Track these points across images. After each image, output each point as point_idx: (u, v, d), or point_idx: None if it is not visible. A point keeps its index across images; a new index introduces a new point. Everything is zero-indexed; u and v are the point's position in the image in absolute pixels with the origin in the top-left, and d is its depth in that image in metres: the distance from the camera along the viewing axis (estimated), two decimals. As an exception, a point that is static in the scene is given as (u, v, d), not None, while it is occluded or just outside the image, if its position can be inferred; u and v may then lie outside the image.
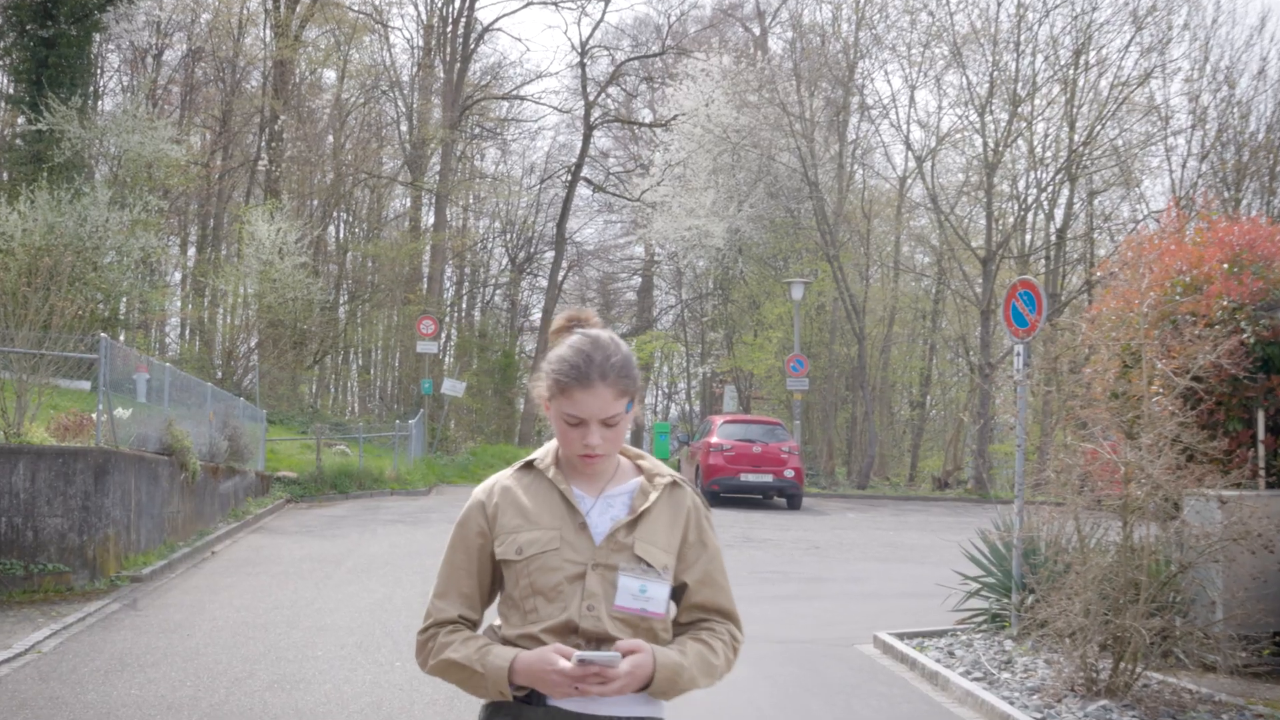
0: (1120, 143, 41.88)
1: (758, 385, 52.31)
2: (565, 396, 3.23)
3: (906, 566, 20.40)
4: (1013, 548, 13.30)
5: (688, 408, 69.96)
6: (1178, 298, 12.56)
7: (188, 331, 52.55)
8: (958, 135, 44.83)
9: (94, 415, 17.55)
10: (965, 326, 50.37)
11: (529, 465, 3.43)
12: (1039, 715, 9.68)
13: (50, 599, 14.58)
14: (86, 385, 24.11)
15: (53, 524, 15.09)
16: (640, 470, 3.47)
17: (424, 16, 59.85)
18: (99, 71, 48.21)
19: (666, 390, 76.65)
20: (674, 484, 3.44)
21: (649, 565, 3.24)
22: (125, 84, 52.67)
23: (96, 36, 39.08)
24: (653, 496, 3.34)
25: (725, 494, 32.26)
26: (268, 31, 54.24)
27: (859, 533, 26.12)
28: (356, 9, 56.14)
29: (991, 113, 41.67)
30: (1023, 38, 41.27)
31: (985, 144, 41.78)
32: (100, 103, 45.20)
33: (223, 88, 54.63)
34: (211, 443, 24.17)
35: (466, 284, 70.23)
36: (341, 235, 61.93)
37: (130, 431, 18.12)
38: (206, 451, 23.43)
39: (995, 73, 41.36)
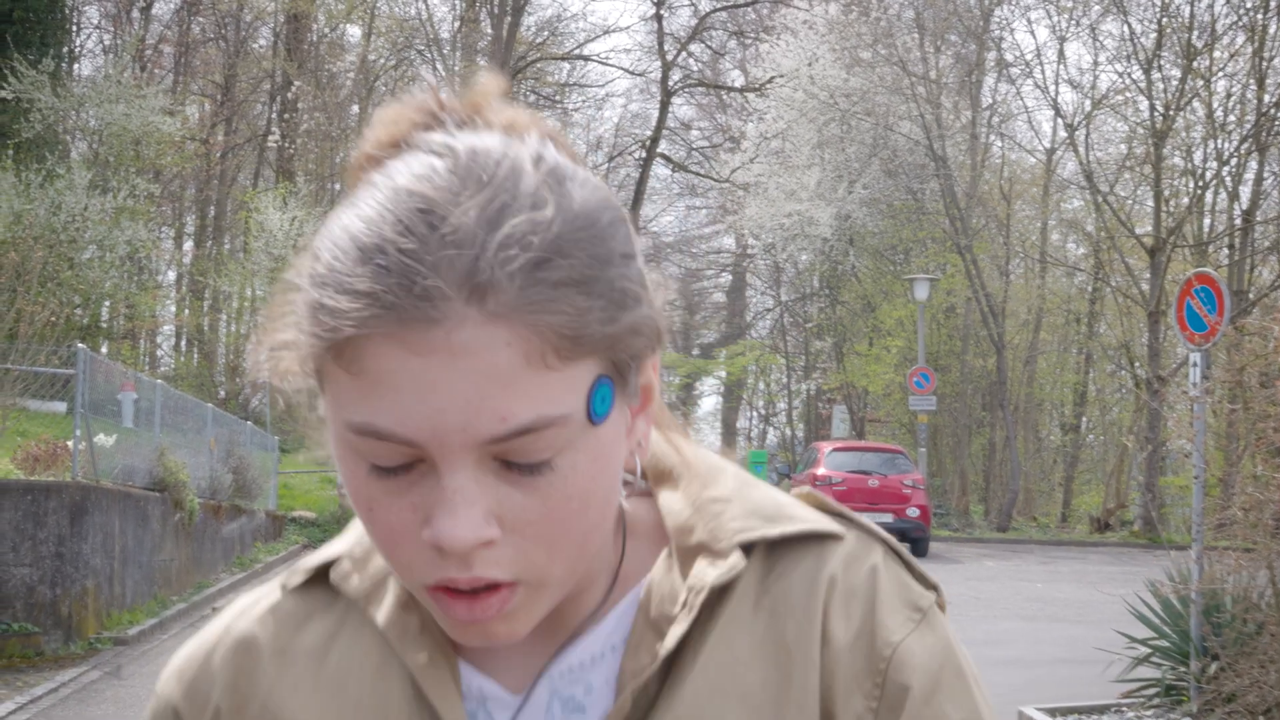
0: (1322, 104, 41.45)
1: (874, 405, 52.09)
2: (351, 374, 1.28)
3: (1059, 626, 20.22)
4: (1191, 603, 13.09)
5: (788, 433, 69.76)
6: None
7: (184, 342, 53.03)
8: (1118, 97, 44.50)
9: (69, 443, 17.65)
10: (1129, 331, 49.91)
11: (322, 588, 1.60)
12: (1225, 811, 9.51)
13: (15, 665, 14.66)
14: (61, 407, 24.28)
15: (19, 575, 15.18)
16: (682, 551, 1.49)
17: (467, -41, 60.16)
18: (75, 28, 48.72)
19: (763, 412, 76.65)
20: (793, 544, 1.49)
21: None
22: (107, 44, 53.28)
23: (73, -14, 39.51)
24: (681, 627, 1.43)
25: (834, 538, 32.15)
26: (279, -21, 54.69)
27: (1000, 585, 25.94)
28: (386, -49, 56.52)
29: (1160, 69, 41.30)
30: (1199, -24, 40.97)
31: (1152, 107, 41.40)
32: (77, 66, 45.80)
33: (225, 48, 55.16)
34: (213, 476, 24.29)
35: (520, 282, 70.47)
36: (368, 225, 62.22)
37: (114, 463, 18.22)
38: (206, 487, 23.54)
39: (1164, 19, 40.99)
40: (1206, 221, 45.27)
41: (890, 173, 48.06)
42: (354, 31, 60.02)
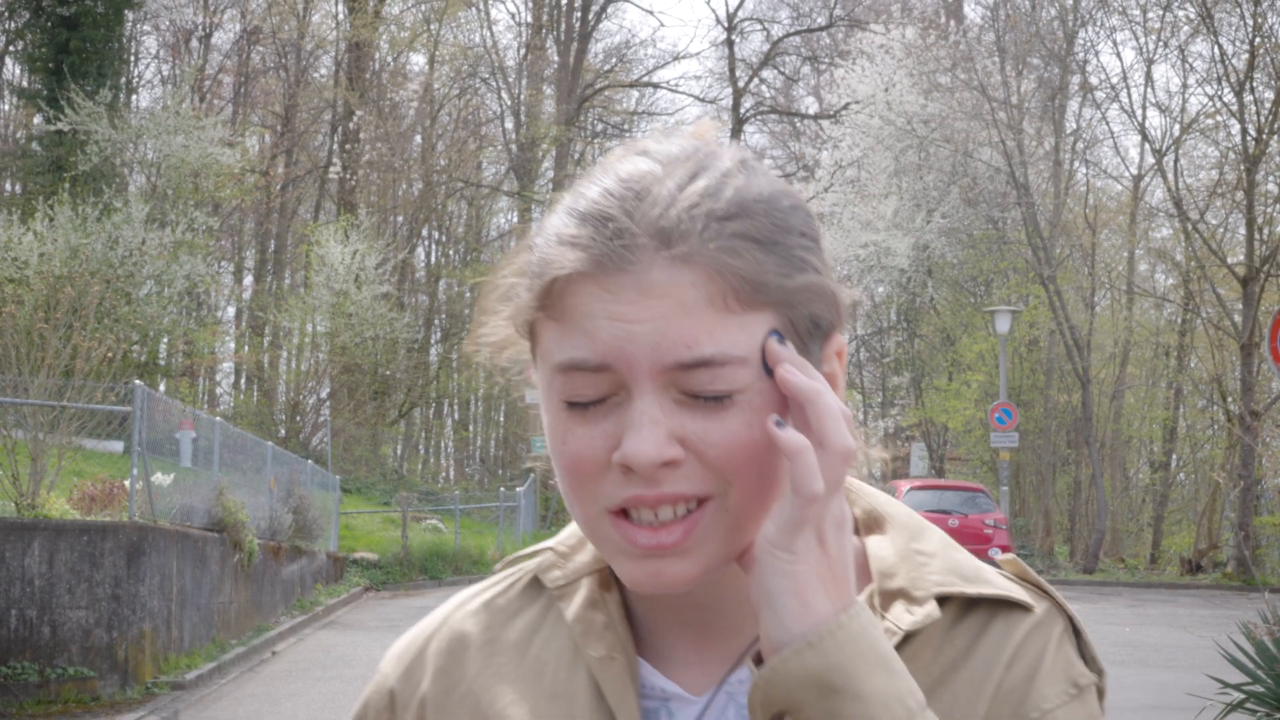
0: None
1: (954, 442, 51.86)
2: (556, 320, 1.52)
3: (1148, 671, 20.05)
4: (1287, 647, 12.97)
5: (866, 470, 69.60)
6: None
7: (244, 379, 53.36)
8: (1209, 121, 44.24)
9: (126, 483, 17.75)
10: (1221, 365, 49.53)
11: (534, 583, 1.76)
12: None
13: (71, 711, 14.74)
14: (118, 446, 24.46)
15: (75, 617, 15.26)
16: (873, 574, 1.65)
17: (532, -15, 60.42)
18: (133, 59, 49.27)
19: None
20: (996, 605, 1.60)
21: None
22: (165, 74, 53.81)
23: (129, 15, 39.91)
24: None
25: (914, 580, 32.05)
26: (340, 7, 55.08)
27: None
28: (450, -23, 56.75)
29: (1254, 90, 41.05)
30: (1293, -7, 40.71)
31: (1244, 131, 41.15)
32: (135, 97, 46.27)
33: (285, 77, 55.55)
34: (272, 516, 24.37)
35: (588, 317, 70.66)
36: (433, 259, 62.57)
37: (172, 503, 18.31)
38: (266, 527, 23.62)
39: (1258, 38, 40.75)
40: (1301, 250, 44.95)
41: (970, 201, 47.89)
42: (417, 60, 60.55)
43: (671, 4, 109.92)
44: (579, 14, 59.26)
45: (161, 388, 37.46)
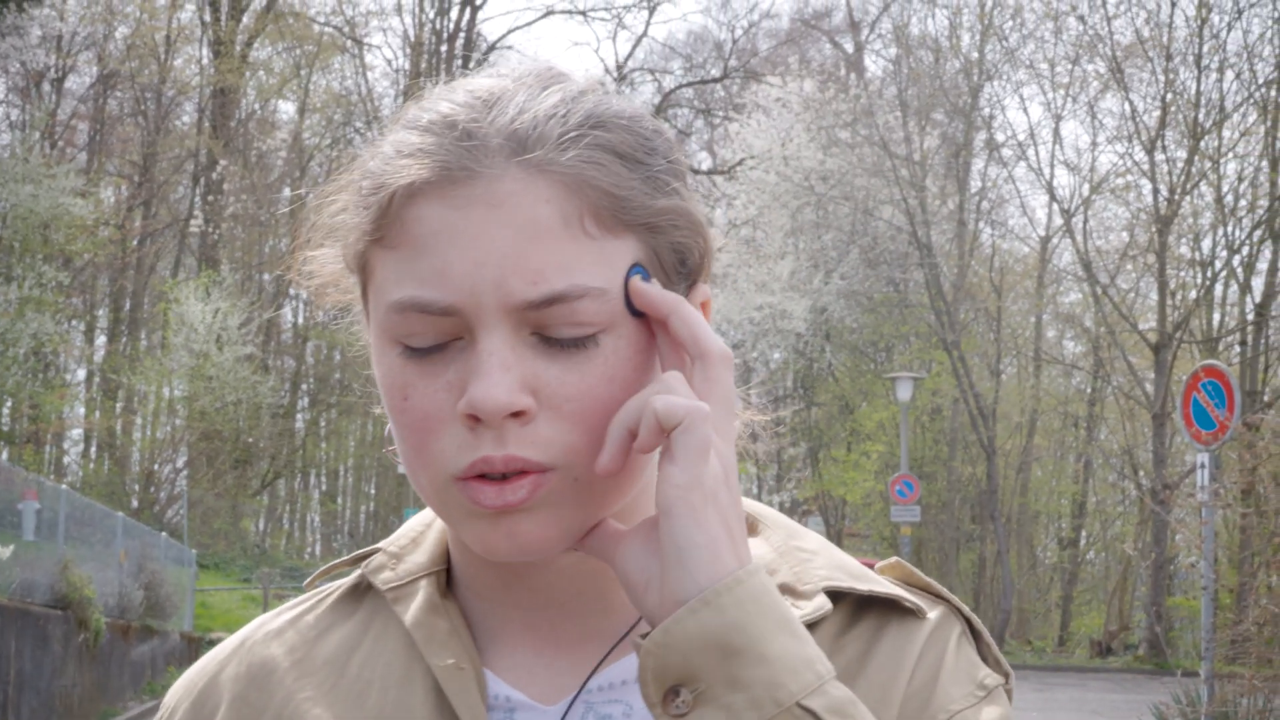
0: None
1: (852, 517, 52.07)
2: (393, 248, 1.43)
3: (1056, 759, 20.15)
4: (1201, 730, 13.01)
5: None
6: None
7: (94, 447, 52.76)
8: (1119, 180, 44.78)
9: (-39, 554, 17.50)
10: (1133, 436, 50.04)
11: (349, 596, 1.66)
12: None
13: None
14: (-45, 516, 24.12)
15: (-98, 700, 14.98)
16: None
17: (411, 31, 60.51)
18: (-22, 103, 48.78)
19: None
20: (903, 610, 1.55)
21: None
22: (14, 119, 53.25)
23: (-25, 56, 39.48)
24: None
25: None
26: (205, 50, 54.91)
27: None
28: (322, 21, 56.77)
29: (1165, 149, 41.59)
30: (1206, 48, 41.22)
31: (1156, 191, 41.63)
32: (-20, 144, 45.64)
33: (144, 124, 55.19)
34: (122, 593, 24.13)
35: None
36: (301, 319, 62.28)
37: (11, 577, 18.06)
38: (115, 605, 23.38)
39: (1169, 95, 41.30)
40: (1216, 316, 45.50)
41: (870, 262, 48.21)
42: (286, 107, 60.32)
43: (559, 51, 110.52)
44: (460, 61, 59.32)
45: (3, 455, 37.01)
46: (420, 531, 1.65)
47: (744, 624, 1.28)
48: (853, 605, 1.54)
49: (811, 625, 1.48)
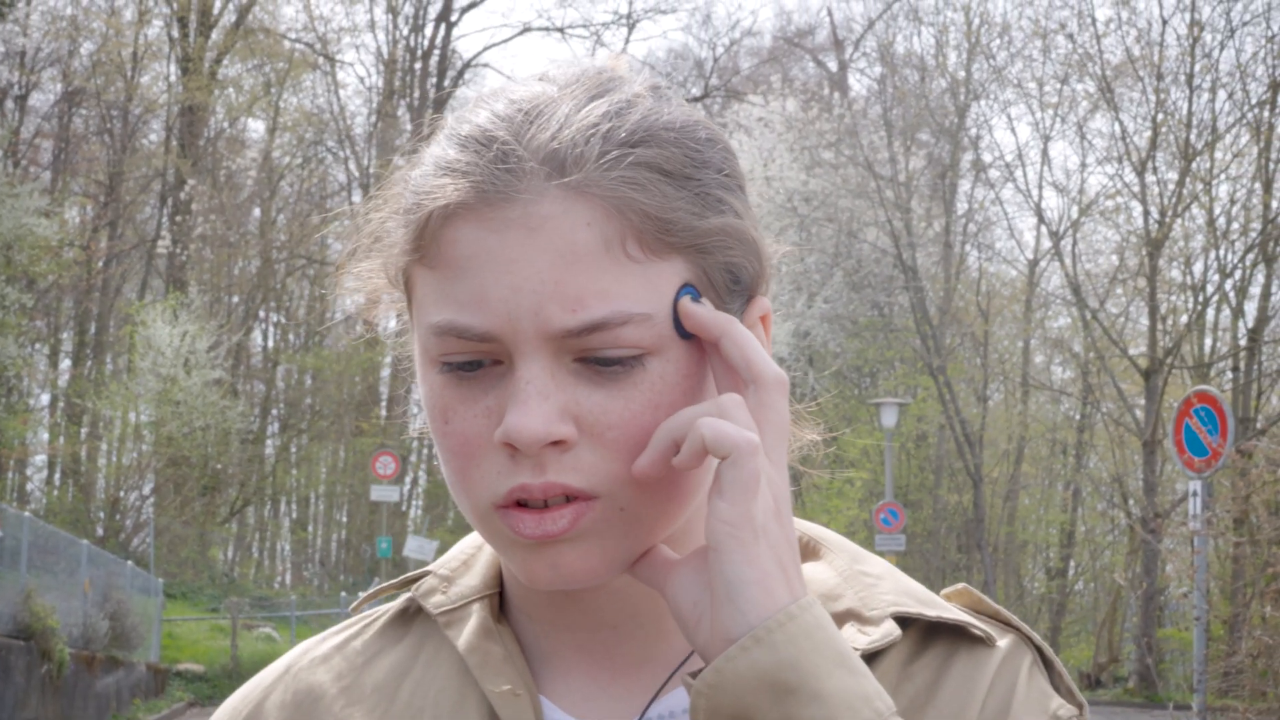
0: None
1: (837, 546, 52.06)
2: (432, 268, 1.43)
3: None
4: (1193, 765, 13.01)
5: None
6: None
7: (58, 473, 52.62)
8: (1109, 202, 44.83)
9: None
10: (1122, 464, 50.05)
11: (399, 620, 1.66)
12: None
13: None
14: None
15: None
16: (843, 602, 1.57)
17: (384, 48, 60.54)
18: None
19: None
20: (973, 639, 1.54)
21: None
22: (-23, 138, 53.21)
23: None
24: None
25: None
26: (173, 67, 54.84)
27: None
28: (294, 38, 56.75)
29: (1155, 171, 41.64)
30: (1198, 67, 41.29)
31: (1147, 214, 41.70)
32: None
33: (110, 143, 55.09)
34: (87, 623, 24.07)
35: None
36: (271, 342, 62.21)
37: (-29, 606, 18.01)
38: (80, 635, 23.32)
39: (1160, 115, 41.38)
40: (1208, 341, 45.48)
41: (854, 285, 48.24)
42: (256, 126, 60.22)
43: (536, 69, 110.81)
44: (434, 79, 59.36)
45: (-35, 481, 36.91)
46: (471, 554, 1.65)
47: (798, 661, 1.27)
48: (921, 632, 1.53)
49: (880, 652, 1.48)
